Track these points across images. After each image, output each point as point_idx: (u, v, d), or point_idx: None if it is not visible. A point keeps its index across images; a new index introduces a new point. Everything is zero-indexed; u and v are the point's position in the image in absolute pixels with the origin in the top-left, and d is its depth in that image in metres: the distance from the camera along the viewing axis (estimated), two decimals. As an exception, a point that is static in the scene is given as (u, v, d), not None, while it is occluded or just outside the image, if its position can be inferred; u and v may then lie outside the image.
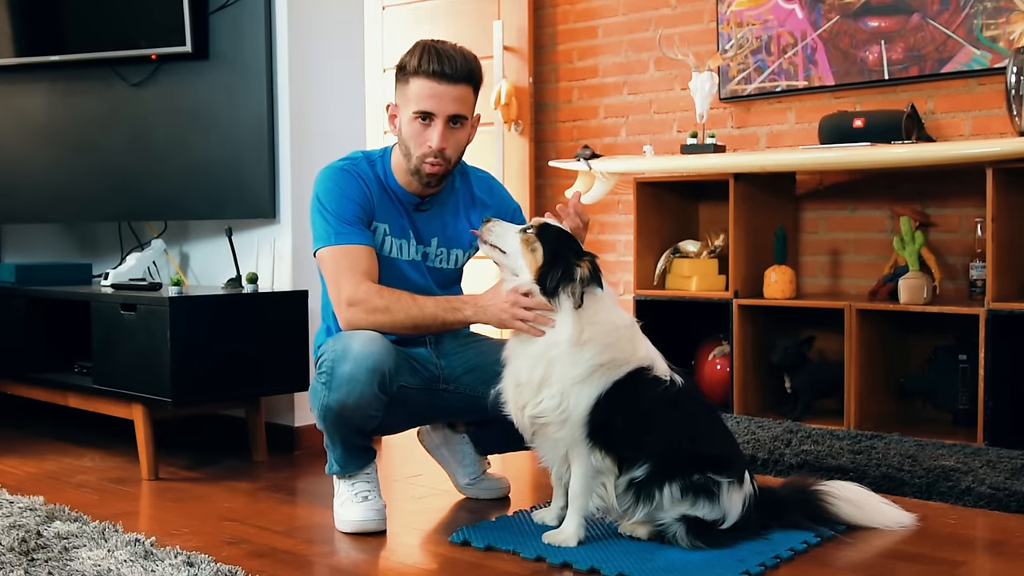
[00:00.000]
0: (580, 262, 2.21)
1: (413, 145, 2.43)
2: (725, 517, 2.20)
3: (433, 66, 2.37)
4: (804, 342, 3.70)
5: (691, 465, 2.18)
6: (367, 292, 2.37)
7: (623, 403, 2.18)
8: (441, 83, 2.37)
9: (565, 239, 2.25)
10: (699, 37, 4.30)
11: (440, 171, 2.45)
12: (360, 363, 2.29)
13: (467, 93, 2.43)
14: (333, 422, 2.38)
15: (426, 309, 2.37)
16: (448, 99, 2.39)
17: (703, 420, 2.32)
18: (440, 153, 2.41)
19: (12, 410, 3.87)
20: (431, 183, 2.47)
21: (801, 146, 3.82)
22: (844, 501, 2.36)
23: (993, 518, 2.53)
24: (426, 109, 2.39)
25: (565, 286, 2.19)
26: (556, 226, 2.27)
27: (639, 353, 2.24)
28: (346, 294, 2.38)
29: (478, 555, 2.24)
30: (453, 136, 2.43)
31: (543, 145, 4.83)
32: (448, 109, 2.39)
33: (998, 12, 3.56)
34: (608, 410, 2.18)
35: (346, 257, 2.41)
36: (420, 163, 2.43)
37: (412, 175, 2.46)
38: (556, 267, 2.20)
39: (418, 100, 2.39)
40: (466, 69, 2.40)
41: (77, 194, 3.67)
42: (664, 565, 2.09)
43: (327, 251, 2.44)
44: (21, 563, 2.10)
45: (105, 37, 3.54)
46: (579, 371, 2.17)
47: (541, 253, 2.22)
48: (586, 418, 2.18)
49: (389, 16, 5.18)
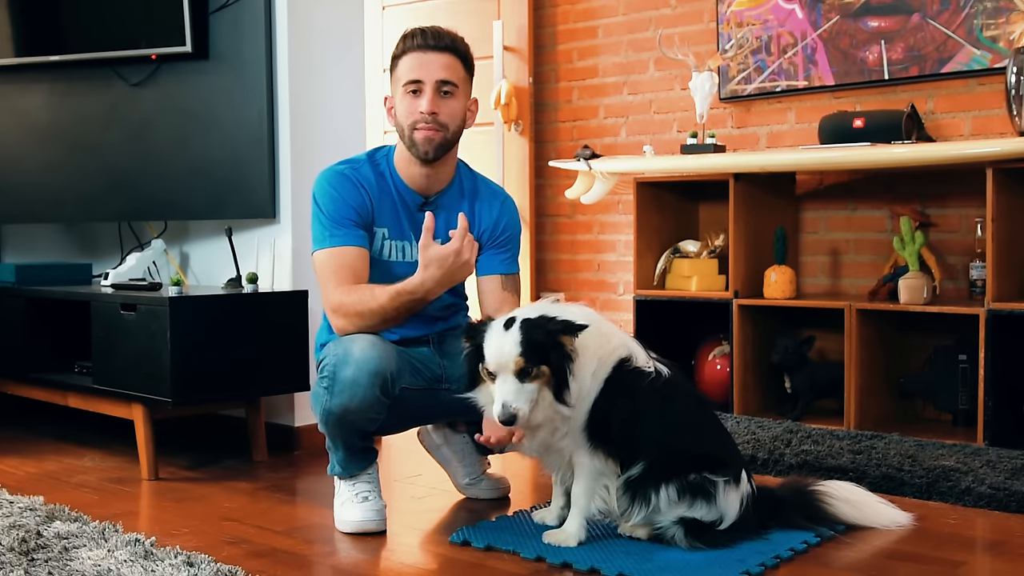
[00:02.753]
0: (561, 340, 2.12)
1: (405, 116, 2.44)
2: (722, 518, 2.20)
3: (417, 40, 2.43)
4: (804, 342, 3.70)
5: (686, 464, 2.18)
6: (342, 295, 2.39)
7: (616, 401, 2.18)
8: (426, 52, 2.42)
9: (538, 338, 2.12)
10: (699, 37, 4.30)
11: (434, 135, 2.42)
12: (362, 367, 2.29)
13: (454, 62, 2.44)
14: (335, 426, 2.38)
15: (383, 303, 2.35)
16: (435, 66, 2.41)
17: (695, 415, 2.30)
18: (432, 118, 2.41)
19: (12, 410, 3.87)
20: (428, 153, 2.44)
21: (801, 146, 3.82)
22: (841, 501, 2.36)
23: (993, 518, 2.53)
24: (414, 77, 2.42)
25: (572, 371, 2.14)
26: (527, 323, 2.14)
27: (613, 342, 2.23)
28: (330, 299, 2.41)
29: (478, 555, 2.24)
30: (445, 104, 2.43)
31: (543, 145, 4.83)
32: (435, 75, 2.41)
33: (998, 12, 3.56)
34: (604, 410, 2.17)
35: (334, 259, 2.42)
36: (412, 131, 2.43)
37: (409, 150, 2.46)
38: (561, 366, 2.12)
39: (406, 73, 2.43)
40: (449, 39, 2.44)
41: (77, 194, 3.67)
42: (664, 565, 2.09)
43: (320, 254, 2.46)
44: (21, 563, 2.10)
45: (105, 37, 3.54)
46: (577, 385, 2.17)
47: (548, 375, 2.12)
48: (586, 423, 2.18)
49: (389, 16, 5.18)
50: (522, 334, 2.11)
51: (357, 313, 2.37)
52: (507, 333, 2.12)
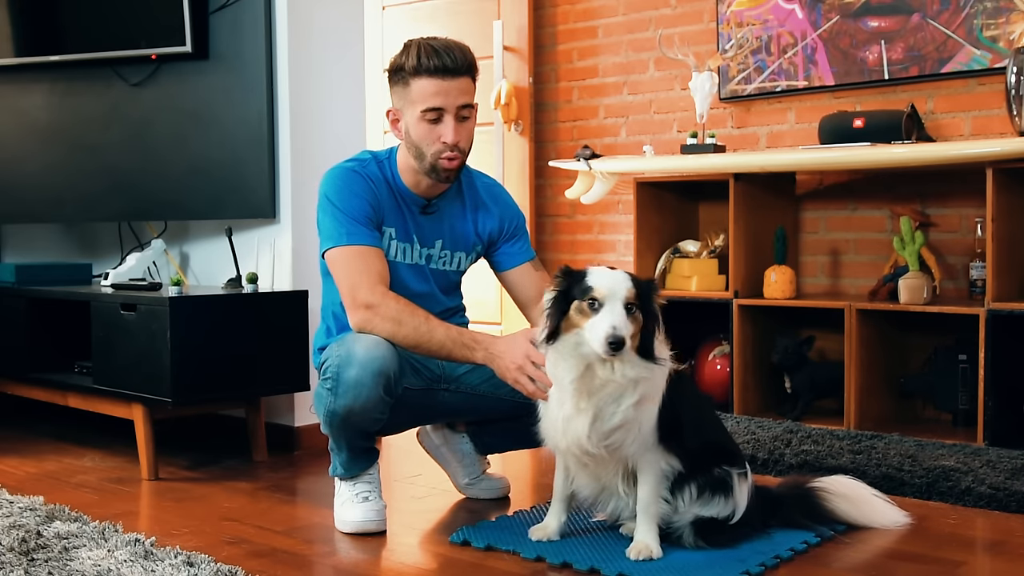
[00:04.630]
0: (656, 298, 2.08)
1: (425, 144, 2.40)
2: (736, 511, 2.20)
3: (434, 62, 2.35)
4: (804, 342, 3.70)
5: (712, 458, 2.19)
6: (383, 298, 2.35)
7: (678, 400, 2.16)
8: (445, 79, 2.36)
9: (644, 286, 2.08)
10: (699, 37, 4.30)
11: (457, 165, 2.44)
12: (365, 367, 2.28)
13: (469, 84, 2.43)
14: (339, 427, 2.37)
15: (435, 334, 2.33)
16: (455, 92, 2.38)
17: (708, 409, 2.34)
18: (455, 146, 2.41)
19: (12, 410, 3.87)
20: (450, 178, 2.45)
21: (801, 146, 3.82)
22: (839, 497, 2.36)
23: (993, 518, 2.53)
24: (435, 105, 2.37)
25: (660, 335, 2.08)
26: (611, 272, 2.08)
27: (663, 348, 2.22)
28: (363, 297, 2.35)
29: (478, 555, 2.24)
30: (464, 128, 2.43)
31: (543, 145, 4.83)
32: (457, 102, 2.39)
33: (998, 12, 3.56)
34: (671, 409, 2.14)
35: (359, 258, 2.39)
36: (436, 160, 2.41)
37: (427, 174, 2.44)
38: (653, 324, 2.06)
39: (424, 99, 2.37)
40: (465, 61, 2.40)
41: (77, 194, 3.67)
42: (664, 565, 2.09)
43: (338, 251, 2.41)
44: (21, 563, 2.10)
45: (105, 37, 3.54)
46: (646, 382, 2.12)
47: (639, 315, 2.05)
48: (656, 424, 2.12)
49: (389, 16, 5.18)
50: (635, 279, 2.07)
51: (397, 323, 2.32)
52: (619, 273, 2.08)
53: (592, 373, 2.07)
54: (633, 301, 2.04)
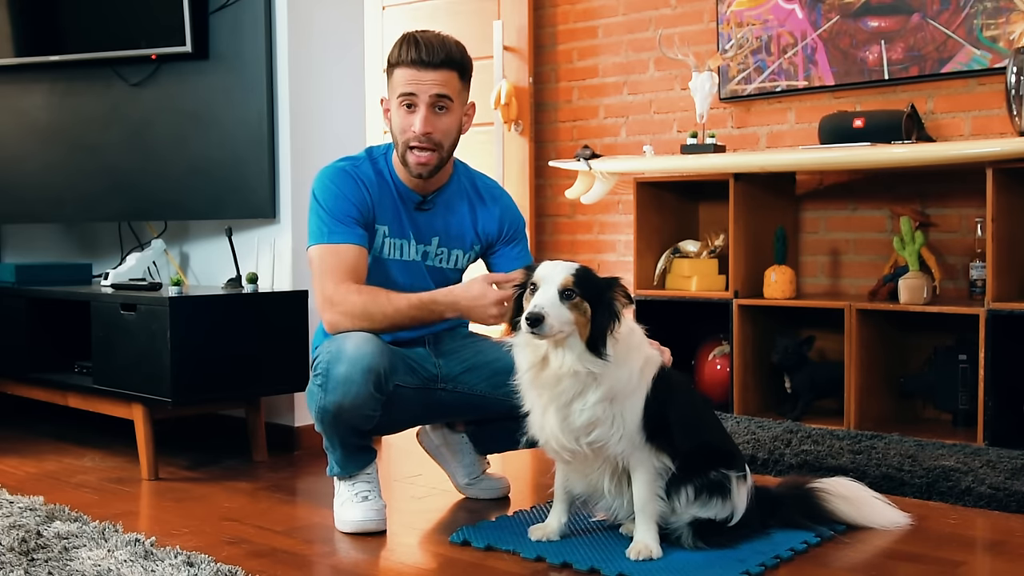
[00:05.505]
0: (615, 295, 2.09)
1: (399, 132, 2.45)
2: (734, 513, 2.20)
3: (411, 55, 2.40)
4: (804, 342, 3.70)
5: (708, 460, 2.18)
6: (345, 292, 2.37)
7: (665, 398, 2.16)
8: (420, 70, 2.39)
9: (594, 278, 2.10)
10: (699, 37, 4.30)
11: (428, 159, 2.44)
12: (355, 364, 2.29)
13: (449, 78, 2.43)
14: (331, 424, 2.38)
15: (400, 309, 2.36)
16: (429, 82, 2.40)
17: (705, 410, 2.33)
18: (426, 137, 2.41)
19: (12, 410, 3.87)
20: (422, 173, 2.46)
21: (801, 146, 3.82)
22: (839, 498, 2.36)
23: (993, 518, 2.53)
24: (407, 90, 2.41)
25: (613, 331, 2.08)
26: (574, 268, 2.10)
27: (647, 347, 2.23)
28: (326, 294, 2.39)
29: (478, 555, 2.24)
30: (439, 121, 2.43)
31: (543, 145, 4.83)
32: (430, 91, 2.40)
33: (998, 12, 3.56)
34: (658, 408, 2.14)
35: (333, 256, 2.42)
36: (406, 149, 2.44)
37: (402, 164, 2.48)
38: (605, 319, 2.06)
39: (399, 86, 2.43)
40: (444, 53, 2.41)
41: (77, 194, 3.67)
42: (664, 565, 2.09)
43: (317, 249, 2.45)
44: (21, 563, 2.10)
45: (105, 37, 3.54)
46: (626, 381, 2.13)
47: (587, 309, 2.06)
48: (643, 421, 2.12)
49: (389, 16, 5.19)
50: (580, 269, 2.09)
51: (365, 314, 2.35)
52: (566, 263, 2.10)
53: (546, 364, 2.09)
54: (571, 288, 2.05)
